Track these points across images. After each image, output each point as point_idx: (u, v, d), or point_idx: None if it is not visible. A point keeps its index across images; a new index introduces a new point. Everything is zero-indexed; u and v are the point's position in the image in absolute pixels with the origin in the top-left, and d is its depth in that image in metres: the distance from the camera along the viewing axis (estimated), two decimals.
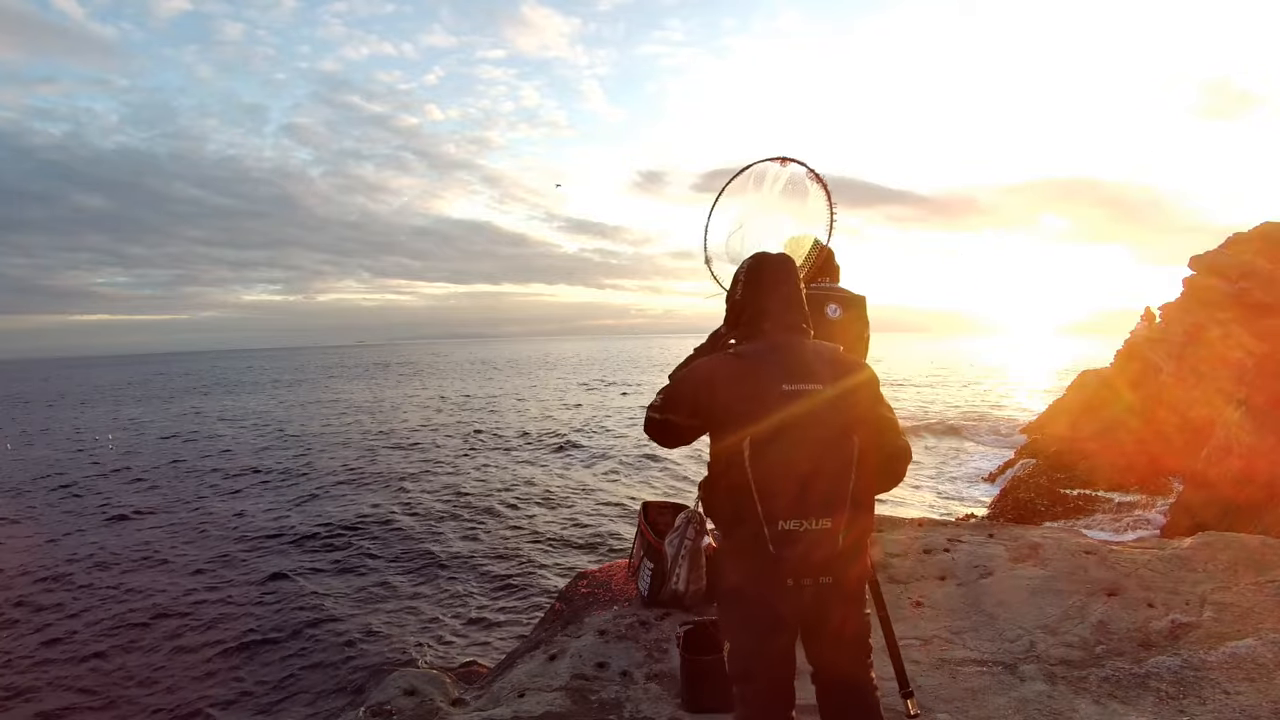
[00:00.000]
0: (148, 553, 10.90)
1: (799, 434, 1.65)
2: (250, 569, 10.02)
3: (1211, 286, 16.47)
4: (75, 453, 21.89)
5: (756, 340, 1.79)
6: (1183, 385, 16.75)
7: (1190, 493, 12.01)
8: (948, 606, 3.42)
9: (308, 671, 6.88)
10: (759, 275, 1.86)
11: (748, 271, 1.89)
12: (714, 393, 1.72)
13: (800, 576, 1.67)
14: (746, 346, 1.79)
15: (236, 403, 40.12)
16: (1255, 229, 16.58)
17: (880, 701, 1.91)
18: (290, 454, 20.50)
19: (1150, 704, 2.54)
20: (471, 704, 3.01)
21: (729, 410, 1.69)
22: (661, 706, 2.68)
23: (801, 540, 1.64)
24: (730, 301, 1.93)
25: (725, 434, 1.70)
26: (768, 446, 1.64)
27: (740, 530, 1.69)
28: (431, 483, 15.88)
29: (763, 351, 1.75)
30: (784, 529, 1.63)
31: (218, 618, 8.26)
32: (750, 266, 1.89)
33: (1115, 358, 22.26)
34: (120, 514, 13.47)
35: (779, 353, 1.75)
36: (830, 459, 1.66)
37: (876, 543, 4.12)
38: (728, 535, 1.76)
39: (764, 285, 1.85)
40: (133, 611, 8.49)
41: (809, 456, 1.65)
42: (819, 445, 1.67)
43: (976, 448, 20.33)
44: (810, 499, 1.65)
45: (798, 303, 1.86)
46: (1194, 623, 3.00)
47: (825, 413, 1.68)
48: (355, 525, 12.21)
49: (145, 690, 6.61)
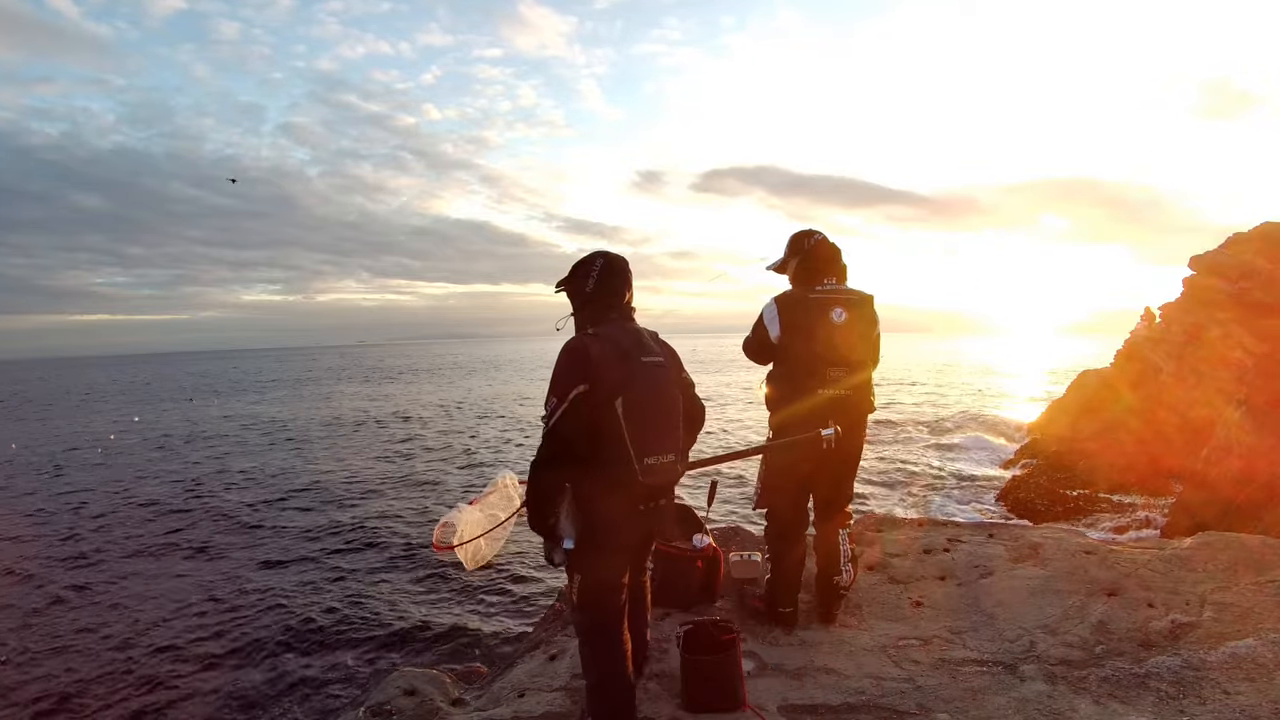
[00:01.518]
0: (146, 553, 10.91)
1: (654, 394, 2.22)
2: (249, 569, 10.02)
3: (1211, 286, 16.46)
4: (73, 450, 21.90)
5: (607, 325, 2.28)
6: (1183, 385, 16.74)
7: (1190, 493, 12.00)
8: (948, 606, 3.42)
9: (307, 671, 6.88)
10: (610, 272, 2.34)
11: (600, 269, 2.33)
12: (590, 363, 2.14)
13: (650, 500, 2.24)
14: (602, 329, 2.25)
15: (239, 403, 40.12)
16: (1255, 229, 16.56)
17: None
18: (291, 454, 20.51)
19: (1150, 704, 2.54)
20: (471, 704, 3.01)
21: (603, 376, 2.13)
22: (661, 706, 2.68)
23: (659, 471, 2.20)
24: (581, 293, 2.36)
25: (599, 393, 2.12)
26: (635, 403, 2.14)
27: (610, 470, 2.14)
28: (431, 482, 15.89)
29: (616, 334, 2.24)
30: (648, 463, 2.17)
31: (216, 617, 8.26)
32: (602, 266, 2.34)
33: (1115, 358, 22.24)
34: (120, 513, 13.48)
35: (628, 334, 2.26)
36: (671, 412, 2.29)
37: (876, 542, 4.13)
38: (594, 476, 2.16)
39: (614, 281, 2.33)
40: (129, 611, 8.49)
41: (660, 410, 2.24)
42: (666, 401, 2.27)
43: (976, 448, 20.31)
44: (664, 441, 2.22)
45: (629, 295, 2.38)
46: (1194, 623, 3.00)
47: (667, 378, 2.30)
48: (355, 525, 12.22)
49: (142, 690, 6.60)
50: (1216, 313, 15.94)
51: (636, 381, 2.17)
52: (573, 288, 2.38)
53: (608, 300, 2.32)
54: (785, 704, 2.69)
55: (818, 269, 3.13)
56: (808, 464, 3.10)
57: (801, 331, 3.03)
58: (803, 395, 3.02)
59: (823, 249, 3.16)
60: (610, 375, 2.14)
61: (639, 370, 2.19)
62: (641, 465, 2.15)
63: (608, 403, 2.12)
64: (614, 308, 2.32)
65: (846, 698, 2.71)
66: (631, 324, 2.35)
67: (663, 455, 2.21)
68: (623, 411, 2.12)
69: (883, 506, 13.28)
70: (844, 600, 3.36)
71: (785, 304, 3.09)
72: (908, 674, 2.86)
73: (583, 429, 2.13)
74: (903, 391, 38.94)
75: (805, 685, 2.81)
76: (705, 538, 3.45)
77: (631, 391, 2.15)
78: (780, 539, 3.25)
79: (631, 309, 2.38)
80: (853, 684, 2.80)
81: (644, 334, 2.33)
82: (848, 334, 3.03)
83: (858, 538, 3.96)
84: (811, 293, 3.08)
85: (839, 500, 3.27)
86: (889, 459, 18.24)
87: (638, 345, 2.25)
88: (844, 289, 3.12)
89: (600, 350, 2.17)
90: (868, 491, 14.24)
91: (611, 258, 2.37)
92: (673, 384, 2.33)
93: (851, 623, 3.32)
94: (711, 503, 3.71)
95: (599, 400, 2.12)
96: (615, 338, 2.22)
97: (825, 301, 3.04)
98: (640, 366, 2.20)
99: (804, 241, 3.22)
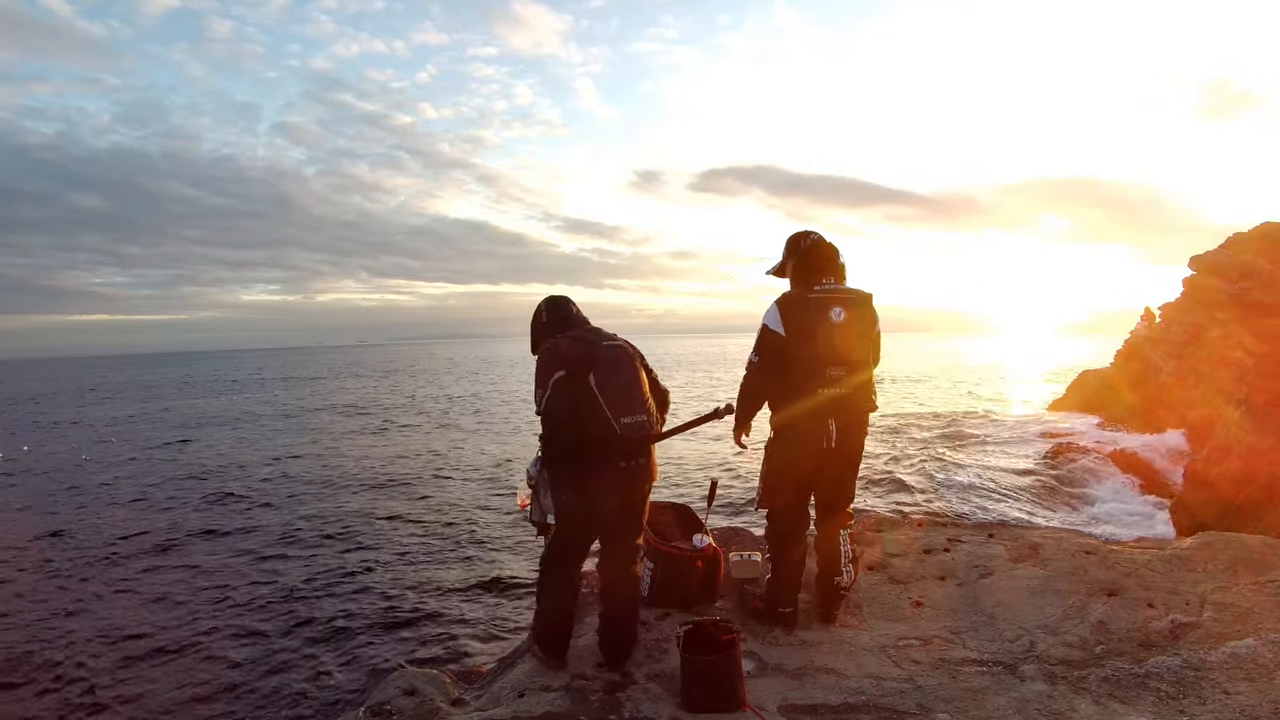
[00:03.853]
0: (145, 552, 10.91)
1: (618, 367, 2.73)
2: (248, 568, 10.02)
3: (1211, 286, 16.47)
4: (77, 450, 21.91)
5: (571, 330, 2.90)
6: (1183, 385, 16.75)
7: (1190, 493, 12.00)
8: (948, 606, 3.42)
9: (307, 671, 6.88)
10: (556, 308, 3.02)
11: (548, 309, 3.02)
12: (562, 354, 2.72)
13: (629, 458, 2.72)
14: (570, 333, 2.87)
15: (243, 401, 40.13)
16: (1255, 229, 16.56)
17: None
18: (291, 453, 20.51)
19: (1150, 704, 2.54)
20: (471, 704, 3.01)
21: (574, 362, 2.69)
22: (661, 706, 2.68)
23: (636, 428, 2.69)
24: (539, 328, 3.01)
25: (574, 375, 2.67)
26: (605, 375, 2.68)
27: (594, 430, 2.65)
28: (431, 482, 15.89)
29: (578, 332, 2.87)
30: (625, 422, 2.67)
31: (215, 617, 8.25)
32: (548, 306, 3.02)
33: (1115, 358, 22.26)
34: (119, 514, 13.48)
35: (588, 331, 2.89)
36: (636, 380, 2.77)
37: (876, 542, 4.13)
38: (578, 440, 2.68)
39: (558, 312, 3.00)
40: (128, 611, 8.49)
41: (627, 380, 2.74)
42: (630, 373, 2.77)
43: (975, 447, 20.31)
44: (634, 404, 2.72)
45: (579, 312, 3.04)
46: (1194, 623, 3.01)
47: (627, 355, 2.81)
48: (355, 525, 12.22)
49: (140, 690, 6.60)
50: (1216, 313, 15.94)
51: (602, 360, 2.71)
52: (534, 331, 3.03)
53: (562, 324, 2.95)
54: (785, 704, 2.69)
55: (816, 269, 3.13)
56: (808, 464, 3.10)
57: (801, 331, 3.02)
58: (803, 395, 3.01)
59: (820, 249, 3.16)
60: (579, 360, 2.70)
61: (602, 352, 2.74)
62: (620, 424, 2.66)
63: (582, 380, 2.66)
64: (568, 324, 2.95)
65: (846, 698, 2.71)
66: (589, 326, 2.95)
67: (636, 415, 2.71)
68: (596, 383, 2.65)
69: (883, 507, 13.28)
70: (844, 600, 3.36)
71: (786, 305, 3.08)
72: (908, 674, 2.86)
73: (567, 405, 2.66)
74: (903, 391, 38.94)
75: (805, 685, 2.81)
76: (705, 538, 3.45)
77: (600, 367, 2.69)
78: (780, 539, 3.25)
79: (583, 318, 3.01)
80: (853, 684, 2.80)
81: (603, 330, 2.92)
82: (847, 333, 3.02)
83: (858, 538, 3.96)
84: (810, 292, 3.08)
85: (840, 500, 3.27)
86: (889, 459, 18.23)
87: (598, 335, 2.84)
88: (843, 288, 3.12)
89: (568, 344, 2.77)
90: (868, 491, 14.24)
91: (553, 299, 3.06)
92: (634, 359, 2.83)
93: (852, 623, 3.32)
94: (712, 503, 3.72)
95: (575, 380, 2.66)
96: (578, 334, 2.84)
97: (824, 301, 3.04)
98: (603, 349, 2.75)
99: (801, 242, 3.22)
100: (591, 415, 2.64)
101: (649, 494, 2.93)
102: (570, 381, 2.66)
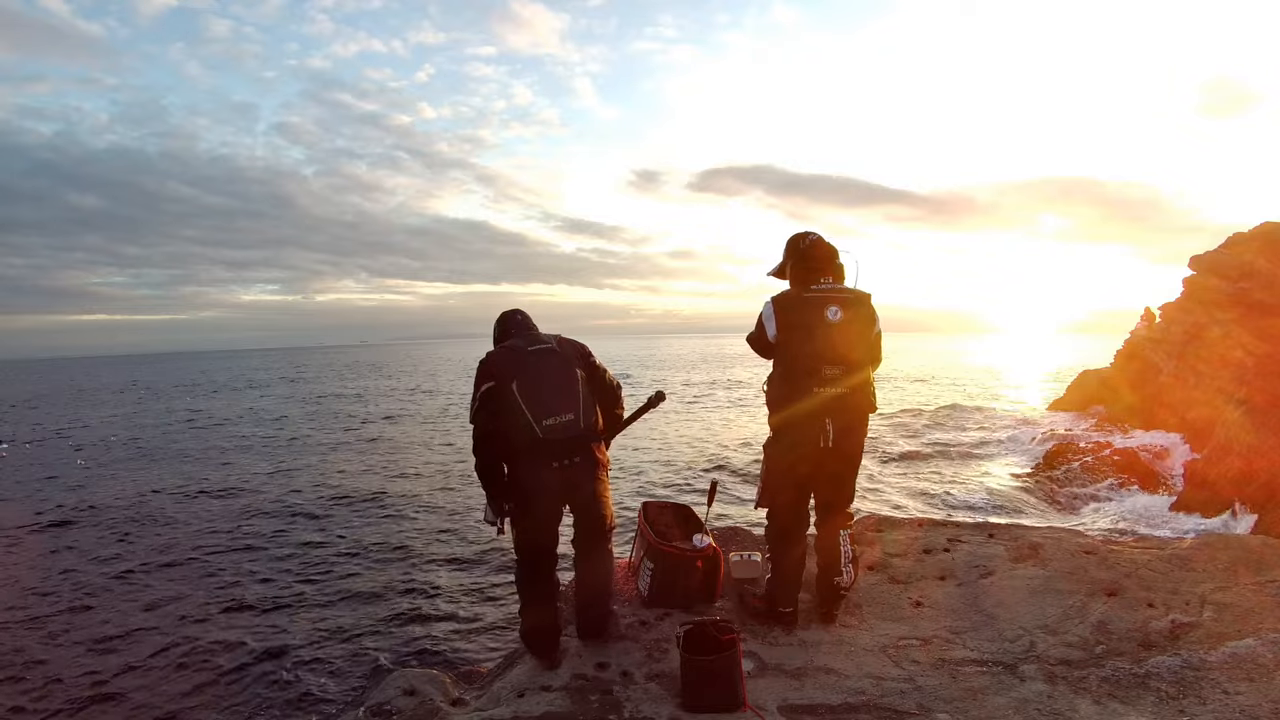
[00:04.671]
0: (144, 553, 10.91)
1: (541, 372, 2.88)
2: (247, 567, 10.02)
3: (1211, 286, 16.47)
4: (77, 450, 21.91)
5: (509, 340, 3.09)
6: (1183, 385, 16.75)
7: (1190, 493, 12.01)
8: (948, 606, 3.42)
9: (307, 671, 6.88)
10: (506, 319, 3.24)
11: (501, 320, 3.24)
12: (490, 366, 2.90)
13: (562, 458, 2.83)
14: (506, 343, 3.07)
15: (245, 402, 40.15)
16: (1255, 229, 16.57)
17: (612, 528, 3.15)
18: (291, 453, 20.52)
19: (1150, 704, 2.54)
20: (471, 704, 3.01)
21: (501, 371, 2.86)
22: (661, 706, 2.68)
23: (559, 429, 2.81)
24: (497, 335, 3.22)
25: (499, 384, 2.84)
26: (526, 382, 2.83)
27: (518, 435, 2.80)
28: (431, 482, 15.89)
29: (514, 341, 3.03)
30: (547, 424, 2.79)
31: (214, 616, 8.25)
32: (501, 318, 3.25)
33: (1115, 358, 22.26)
34: (119, 513, 13.48)
35: (524, 339, 3.05)
36: (562, 383, 2.89)
37: (876, 542, 4.12)
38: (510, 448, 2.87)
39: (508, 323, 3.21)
40: (127, 610, 8.48)
41: (550, 383, 2.87)
42: (555, 376, 2.90)
43: (975, 447, 20.31)
44: (557, 405, 2.83)
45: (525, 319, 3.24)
46: (1194, 623, 3.01)
47: (555, 359, 2.95)
48: (355, 524, 12.22)
49: (138, 690, 6.60)
50: (1216, 313, 15.94)
51: (526, 367, 2.88)
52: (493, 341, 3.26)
53: (509, 331, 3.18)
54: (785, 704, 2.69)
55: (813, 268, 3.14)
56: (807, 464, 3.10)
57: (798, 330, 3.03)
58: (801, 394, 3.01)
59: (818, 249, 3.17)
60: (505, 369, 2.87)
61: (526, 358, 2.91)
62: (541, 426, 2.79)
63: (506, 388, 2.82)
64: (513, 330, 3.17)
65: (846, 698, 2.71)
66: (531, 332, 3.15)
67: (559, 415, 2.82)
68: (518, 390, 2.82)
69: (883, 506, 13.28)
70: (844, 600, 3.36)
71: (781, 303, 3.10)
72: (908, 674, 2.86)
73: (491, 415, 2.85)
74: (902, 391, 38.95)
75: (805, 685, 2.81)
76: (705, 538, 3.45)
77: (523, 374, 2.85)
78: (780, 539, 3.25)
79: (528, 325, 3.21)
80: (853, 684, 2.81)
81: (539, 336, 3.11)
82: (845, 332, 3.03)
83: (858, 538, 3.96)
84: (807, 291, 3.09)
85: (839, 501, 3.27)
86: (889, 459, 18.24)
87: (528, 342, 3.01)
88: (840, 287, 3.12)
89: (498, 355, 2.97)
90: (868, 491, 14.24)
91: (502, 315, 3.28)
92: (563, 362, 2.97)
93: (851, 623, 3.32)
94: (711, 503, 3.72)
95: (501, 388, 2.83)
96: (511, 344, 3.02)
97: (821, 300, 3.05)
98: (528, 355, 2.92)
99: (800, 243, 3.23)
100: (514, 421, 2.79)
101: (601, 484, 3.01)
102: (496, 391, 2.83)
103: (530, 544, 3.00)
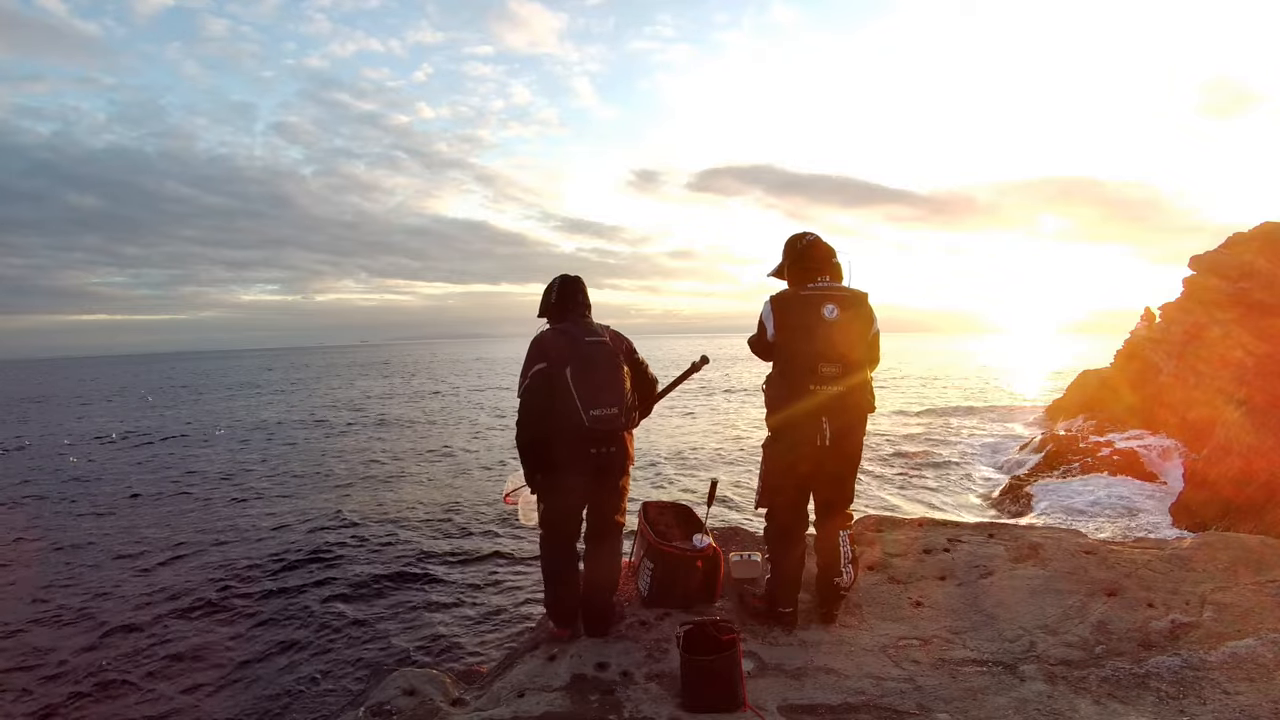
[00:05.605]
0: (144, 552, 10.90)
1: (594, 363, 2.98)
2: (247, 568, 10.01)
3: (1211, 286, 16.46)
4: (74, 449, 21.91)
5: (565, 321, 3.16)
6: (1183, 385, 16.74)
7: (1190, 493, 12.00)
8: (948, 606, 3.42)
9: (306, 671, 6.87)
10: (565, 289, 3.25)
11: (559, 288, 3.24)
12: (545, 347, 3.02)
13: (599, 446, 2.97)
14: (560, 325, 3.14)
15: (246, 402, 40.13)
16: (1255, 229, 16.55)
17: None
18: (290, 452, 20.51)
19: (1150, 704, 2.54)
20: (471, 704, 3.01)
21: (555, 355, 2.97)
22: (661, 706, 2.68)
23: (604, 420, 2.94)
24: (548, 304, 3.26)
25: (553, 367, 2.95)
26: (580, 370, 2.94)
27: (565, 420, 2.92)
28: (430, 481, 15.89)
29: (569, 325, 3.11)
30: (594, 414, 2.92)
31: (213, 616, 8.25)
32: (560, 285, 3.25)
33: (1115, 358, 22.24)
34: (118, 513, 13.48)
35: (578, 325, 3.13)
36: (611, 376, 3.01)
37: (876, 542, 4.12)
38: (553, 428, 2.97)
39: (566, 291, 3.24)
40: (127, 610, 8.48)
41: (601, 375, 2.97)
42: (606, 369, 3.01)
43: (975, 447, 20.31)
44: (604, 397, 2.95)
45: (584, 300, 3.27)
46: (1194, 623, 3.01)
47: (607, 352, 3.06)
48: (354, 525, 12.21)
49: (138, 690, 6.60)
50: (1216, 313, 15.93)
51: (580, 355, 2.96)
52: (543, 301, 3.29)
53: (565, 305, 3.22)
54: (785, 704, 2.69)
55: (811, 268, 3.15)
56: (805, 464, 3.10)
57: (795, 329, 3.04)
58: (799, 393, 3.01)
59: (816, 249, 3.18)
60: (560, 353, 2.96)
61: (582, 347, 3.00)
62: (589, 415, 2.90)
63: (559, 372, 2.93)
64: (570, 309, 3.20)
65: (846, 698, 2.71)
66: (585, 318, 3.21)
67: (606, 408, 2.95)
68: (571, 377, 2.91)
69: (882, 507, 13.27)
70: (844, 600, 3.36)
71: (780, 303, 3.11)
72: (908, 674, 2.86)
73: (542, 395, 2.95)
74: (901, 391, 38.94)
75: (805, 685, 2.81)
76: (705, 538, 3.45)
77: (576, 362, 2.94)
78: (780, 539, 3.25)
79: (586, 307, 3.26)
80: (853, 684, 2.81)
81: (593, 325, 3.18)
82: (843, 331, 3.03)
83: (858, 538, 3.96)
84: (804, 290, 3.10)
85: (839, 501, 3.27)
86: (888, 459, 18.24)
87: (584, 331, 3.08)
88: (837, 286, 3.13)
89: (552, 337, 3.05)
90: (867, 491, 14.24)
91: (566, 278, 3.28)
92: (613, 356, 3.06)
93: (851, 623, 3.32)
94: (711, 503, 3.72)
95: (553, 372, 2.94)
96: (567, 328, 3.09)
97: (818, 297, 3.05)
98: (583, 344, 3.01)
99: (797, 243, 3.25)
100: (564, 405, 2.92)
101: (625, 476, 3.17)
102: (549, 373, 2.95)
103: (557, 520, 3.14)
